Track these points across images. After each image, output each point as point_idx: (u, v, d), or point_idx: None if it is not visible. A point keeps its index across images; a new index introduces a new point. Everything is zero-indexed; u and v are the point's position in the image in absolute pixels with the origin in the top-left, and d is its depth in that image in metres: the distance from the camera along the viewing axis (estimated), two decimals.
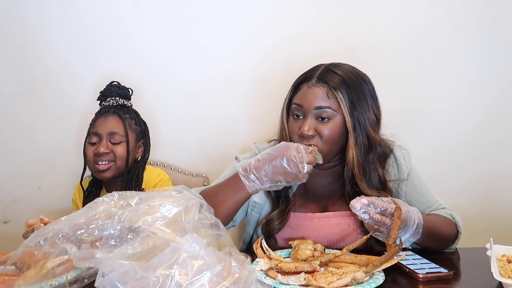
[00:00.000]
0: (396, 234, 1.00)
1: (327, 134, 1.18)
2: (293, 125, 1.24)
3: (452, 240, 1.21)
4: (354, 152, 1.19)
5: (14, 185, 1.80)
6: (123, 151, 1.53)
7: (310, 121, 1.19)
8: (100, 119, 1.54)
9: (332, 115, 1.18)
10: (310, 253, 1.06)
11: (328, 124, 1.18)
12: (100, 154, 1.49)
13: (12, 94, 1.79)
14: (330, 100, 1.18)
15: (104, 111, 1.55)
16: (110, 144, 1.52)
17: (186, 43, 1.84)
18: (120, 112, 1.56)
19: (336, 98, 1.18)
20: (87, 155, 1.54)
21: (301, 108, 1.21)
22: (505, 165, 1.94)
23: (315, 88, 1.20)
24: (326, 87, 1.19)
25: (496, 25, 1.89)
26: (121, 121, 1.54)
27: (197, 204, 1.00)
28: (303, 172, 1.11)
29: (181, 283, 0.78)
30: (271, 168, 1.11)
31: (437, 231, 1.14)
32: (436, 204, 1.29)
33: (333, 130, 1.18)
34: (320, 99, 1.19)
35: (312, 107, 1.19)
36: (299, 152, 1.10)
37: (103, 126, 1.53)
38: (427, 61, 1.89)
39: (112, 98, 1.56)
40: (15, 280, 0.89)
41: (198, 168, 1.84)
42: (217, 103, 1.87)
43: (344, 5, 1.86)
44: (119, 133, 1.53)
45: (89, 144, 1.54)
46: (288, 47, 1.83)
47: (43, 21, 1.78)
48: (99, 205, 0.99)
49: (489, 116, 1.92)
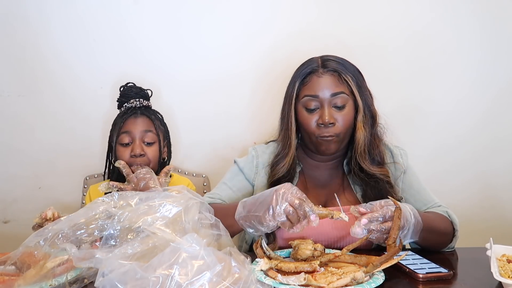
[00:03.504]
0: (396, 234, 1.00)
1: (345, 120, 1.23)
2: (309, 118, 1.25)
3: (449, 237, 1.21)
4: (363, 131, 1.25)
5: (14, 185, 1.80)
6: (155, 152, 1.53)
7: (328, 109, 1.22)
8: (130, 120, 1.52)
9: (346, 100, 1.24)
10: (310, 253, 1.06)
11: (344, 110, 1.24)
12: (137, 155, 1.48)
13: (12, 94, 1.79)
14: (343, 85, 1.24)
15: (131, 112, 1.53)
16: (143, 145, 1.51)
17: (187, 43, 1.84)
18: (146, 112, 1.56)
19: (347, 82, 1.24)
20: (120, 158, 1.50)
21: (316, 99, 1.24)
22: (504, 165, 1.94)
23: (326, 76, 1.25)
24: (336, 74, 1.24)
25: (495, 25, 1.89)
26: (151, 121, 1.54)
27: (197, 204, 1.01)
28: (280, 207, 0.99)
29: (181, 283, 0.78)
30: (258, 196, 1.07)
31: (434, 226, 1.14)
32: (432, 202, 1.30)
33: (348, 116, 1.25)
34: (334, 85, 1.24)
35: (329, 95, 1.23)
36: (288, 191, 1.00)
37: (135, 126, 1.51)
38: (427, 61, 1.89)
39: (136, 99, 1.56)
40: (15, 280, 0.89)
41: (198, 168, 1.84)
42: (217, 103, 1.87)
43: (344, 5, 1.86)
44: (152, 132, 1.53)
45: (121, 146, 1.51)
46: (289, 47, 1.83)
47: (43, 21, 1.78)
48: (99, 205, 0.99)
49: (488, 116, 1.92)
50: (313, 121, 1.24)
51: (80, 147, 1.72)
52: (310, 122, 1.25)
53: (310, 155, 1.36)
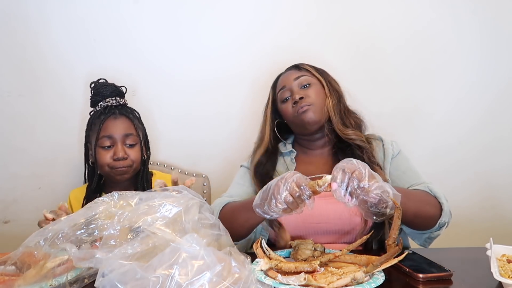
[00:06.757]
0: (396, 234, 1.00)
1: (314, 93, 1.42)
2: (286, 106, 1.45)
3: (434, 209, 1.19)
4: (331, 100, 1.43)
5: (14, 185, 1.80)
6: (138, 153, 1.50)
7: (297, 90, 1.43)
8: (109, 121, 1.47)
9: (309, 80, 1.45)
10: (310, 253, 1.06)
11: (311, 87, 1.43)
12: (120, 159, 1.45)
13: (13, 94, 1.78)
14: (303, 71, 1.47)
15: (109, 112, 1.48)
16: (125, 147, 1.47)
17: (187, 43, 1.84)
18: (125, 112, 1.52)
19: (306, 69, 1.48)
20: (101, 161, 1.46)
21: (285, 88, 1.45)
22: (504, 165, 1.94)
23: (288, 71, 1.50)
24: (296, 68, 1.49)
25: (496, 25, 1.89)
26: (131, 121, 1.51)
27: (197, 204, 1.00)
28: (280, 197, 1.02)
29: (181, 283, 0.78)
30: (269, 184, 1.09)
31: (411, 194, 1.15)
32: (418, 181, 1.31)
33: (316, 91, 1.43)
34: (295, 73, 1.47)
35: (292, 79, 1.45)
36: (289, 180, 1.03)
37: (115, 129, 1.46)
38: (427, 61, 1.89)
39: (112, 98, 1.51)
40: (15, 280, 0.89)
41: (198, 168, 1.85)
42: (217, 102, 1.87)
43: (345, 5, 1.86)
44: (133, 134, 1.49)
45: (101, 149, 1.46)
46: (288, 47, 1.84)
47: (43, 20, 1.78)
48: (99, 205, 0.99)
49: (489, 116, 1.93)
50: (289, 106, 1.43)
51: (80, 147, 1.71)
52: (288, 108, 1.44)
53: (304, 144, 1.49)
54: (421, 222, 1.19)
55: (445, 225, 1.21)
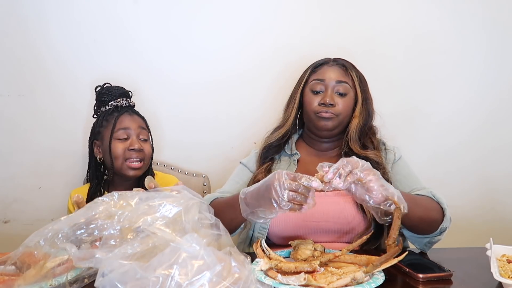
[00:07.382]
0: (396, 234, 1.00)
1: (344, 105, 1.40)
2: (313, 98, 1.42)
3: (437, 214, 1.19)
4: (358, 121, 1.41)
5: (14, 185, 1.80)
6: (150, 149, 1.57)
7: (331, 93, 1.40)
8: (124, 116, 1.53)
9: (348, 90, 1.41)
10: (310, 253, 1.06)
11: (345, 98, 1.41)
12: (136, 150, 1.49)
13: (12, 94, 1.78)
14: (348, 77, 1.43)
15: (123, 110, 1.54)
16: (140, 141, 1.53)
17: (186, 44, 1.84)
18: (136, 111, 1.58)
19: (351, 76, 1.43)
20: (116, 152, 1.49)
21: (322, 82, 1.41)
22: (505, 167, 1.95)
23: (334, 67, 1.44)
24: (344, 68, 1.44)
25: (499, 27, 1.89)
26: (142, 119, 1.58)
27: (197, 204, 1.00)
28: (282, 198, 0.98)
29: (181, 283, 0.78)
30: (255, 192, 1.06)
31: (415, 199, 1.14)
32: (419, 186, 1.31)
33: (348, 103, 1.41)
34: (340, 75, 1.42)
35: (334, 80, 1.41)
36: (281, 179, 0.99)
37: (132, 122, 1.53)
38: (429, 64, 1.89)
39: (123, 98, 1.57)
40: (15, 280, 0.89)
41: (198, 168, 1.85)
42: (217, 103, 1.87)
43: (347, 8, 1.86)
44: (146, 129, 1.57)
45: (118, 141, 1.50)
46: (289, 50, 1.84)
47: (42, 21, 1.78)
48: (99, 205, 0.99)
49: (490, 119, 1.93)
50: (316, 101, 1.41)
51: (80, 147, 1.72)
52: (313, 101, 1.41)
53: (311, 143, 1.49)
54: (425, 227, 1.19)
55: (445, 230, 1.21)
